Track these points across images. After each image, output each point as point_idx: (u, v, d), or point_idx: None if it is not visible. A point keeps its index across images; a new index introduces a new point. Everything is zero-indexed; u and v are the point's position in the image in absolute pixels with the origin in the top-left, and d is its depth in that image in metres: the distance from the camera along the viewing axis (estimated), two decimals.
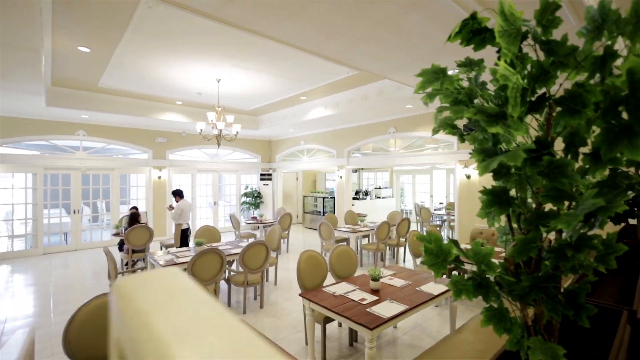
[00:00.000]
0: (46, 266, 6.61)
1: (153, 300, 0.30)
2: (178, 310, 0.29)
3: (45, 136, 7.68)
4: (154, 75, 5.71)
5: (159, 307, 0.29)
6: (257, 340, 0.25)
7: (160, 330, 0.25)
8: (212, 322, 0.28)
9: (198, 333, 0.26)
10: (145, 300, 0.30)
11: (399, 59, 3.78)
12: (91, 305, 2.20)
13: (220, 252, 3.90)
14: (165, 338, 0.24)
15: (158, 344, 0.24)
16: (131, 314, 0.29)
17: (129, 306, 0.30)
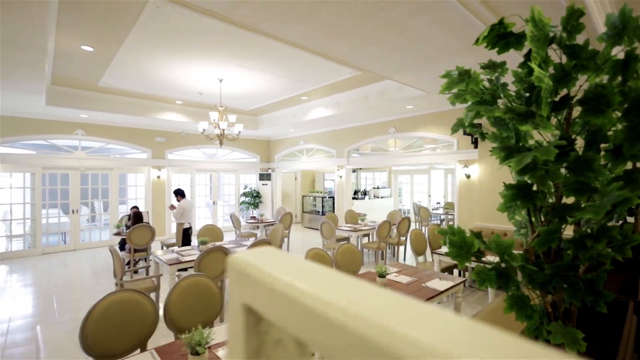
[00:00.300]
0: (45, 266, 6.57)
1: (282, 267, 0.35)
2: (306, 272, 0.34)
3: (43, 135, 7.63)
4: (156, 75, 5.72)
5: (290, 272, 0.34)
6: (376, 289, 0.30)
7: (305, 287, 0.30)
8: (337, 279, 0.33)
9: (336, 287, 0.30)
10: (276, 268, 0.35)
11: (402, 60, 3.85)
12: (105, 302, 2.23)
13: (226, 250, 3.93)
14: (315, 292, 0.29)
15: (309, 297, 0.29)
16: (267, 278, 0.34)
17: (261, 273, 0.34)
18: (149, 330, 2.33)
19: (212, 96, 7.00)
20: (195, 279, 2.69)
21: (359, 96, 6.47)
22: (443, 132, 6.57)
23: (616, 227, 0.93)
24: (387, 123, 7.64)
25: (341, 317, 0.24)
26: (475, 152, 6.01)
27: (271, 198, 11.23)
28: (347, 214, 7.94)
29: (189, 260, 4.11)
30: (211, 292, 2.69)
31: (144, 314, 2.32)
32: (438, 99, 5.82)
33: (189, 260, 4.11)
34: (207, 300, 2.64)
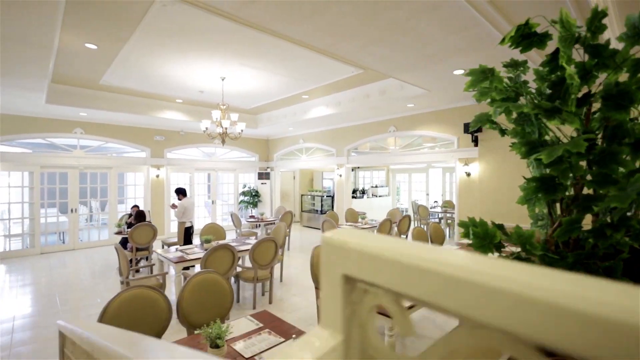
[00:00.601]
0: (45, 266, 6.53)
1: (373, 239, 0.39)
2: (392, 241, 0.38)
3: (42, 134, 7.57)
4: (158, 73, 5.71)
5: (382, 241, 0.38)
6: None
7: (404, 249, 0.35)
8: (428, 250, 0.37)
9: (419, 248, 0.35)
10: (370, 240, 0.39)
11: (406, 59, 3.90)
12: (120, 298, 2.25)
13: (232, 248, 3.95)
14: (413, 251, 0.33)
15: (410, 256, 0.33)
16: (369, 248, 0.38)
17: (361, 245, 0.39)
18: (163, 325, 2.35)
19: (213, 95, 7.00)
20: (206, 275, 2.71)
21: (360, 95, 6.51)
22: (443, 130, 6.64)
23: (635, 217, 0.99)
24: (388, 122, 7.70)
25: (433, 265, 0.32)
26: (475, 150, 6.09)
27: (270, 197, 11.24)
28: (347, 212, 7.99)
29: (194, 258, 4.13)
30: (222, 289, 2.72)
31: (158, 309, 2.35)
32: (438, 97, 5.90)
33: (194, 258, 4.13)
34: (218, 296, 2.67)
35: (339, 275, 0.41)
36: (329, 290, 0.42)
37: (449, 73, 4.49)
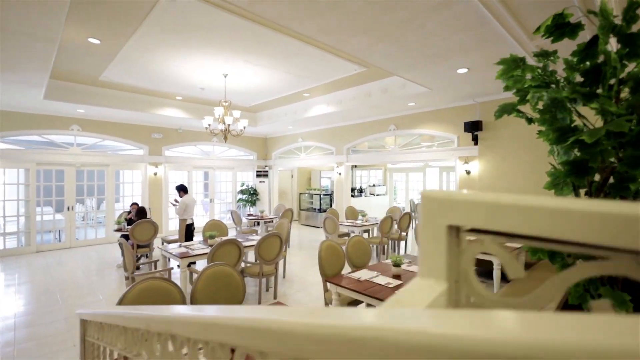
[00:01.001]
0: (42, 264, 6.44)
1: (474, 193, 0.42)
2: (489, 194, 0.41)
3: (38, 131, 7.46)
4: (160, 70, 5.68)
5: (482, 194, 0.41)
6: None
7: (507, 198, 0.38)
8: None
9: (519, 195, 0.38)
10: (471, 194, 0.42)
11: (412, 57, 3.96)
12: (135, 290, 2.24)
13: (238, 243, 3.96)
14: (516, 199, 0.37)
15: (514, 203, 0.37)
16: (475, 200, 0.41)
17: (473, 197, 0.42)
18: None
19: (214, 92, 6.98)
20: (219, 267, 2.72)
21: (362, 93, 6.56)
22: (443, 129, 6.73)
23: None
24: (388, 120, 7.77)
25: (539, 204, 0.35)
26: (475, 148, 6.18)
27: (268, 196, 11.23)
28: (347, 210, 8.03)
29: (200, 253, 4.12)
30: (234, 280, 2.73)
31: (173, 300, 2.35)
32: (440, 96, 5.97)
33: (199, 253, 4.12)
34: (230, 288, 2.68)
35: (443, 226, 0.44)
36: (430, 242, 0.45)
37: (452, 72, 4.56)
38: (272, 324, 0.35)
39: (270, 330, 0.35)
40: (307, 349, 0.30)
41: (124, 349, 1.20)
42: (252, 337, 0.39)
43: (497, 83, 5.17)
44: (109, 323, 1.32)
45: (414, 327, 0.23)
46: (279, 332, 0.34)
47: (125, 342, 1.18)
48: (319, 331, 0.29)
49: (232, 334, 0.43)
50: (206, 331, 0.52)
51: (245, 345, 0.42)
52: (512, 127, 5.77)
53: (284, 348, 0.33)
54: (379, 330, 0.25)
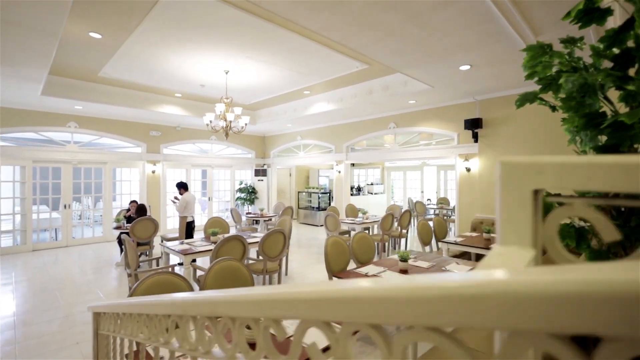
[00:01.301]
0: (39, 262, 6.34)
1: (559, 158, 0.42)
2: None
3: (34, 127, 7.35)
4: (160, 65, 5.62)
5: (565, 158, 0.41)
6: None
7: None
8: None
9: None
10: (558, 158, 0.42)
11: (418, 53, 3.97)
12: (145, 284, 2.22)
13: (242, 239, 3.94)
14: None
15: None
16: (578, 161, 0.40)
17: (565, 159, 0.41)
18: None
19: (214, 89, 6.93)
20: (227, 262, 2.70)
21: (363, 91, 6.56)
22: (443, 127, 6.76)
23: None
24: (388, 118, 7.78)
25: None
26: (475, 146, 6.22)
27: (267, 194, 11.20)
28: (347, 208, 8.04)
29: (203, 250, 4.09)
30: (242, 275, 2.71)
31: None
32: (441, 94, 5.99)
33: (202, 250, 4.09)
34: (239, 282, 2.66)
35: (529, 191, 0.43)
36: (513, 208, 0.45)
37: (454, 69, 4.58)
38: (396, 291, 0.33)
39: (392, 298, 0.34)
40: (447, 311, 0.30)
41: (148, 338, 1.18)
42: (359, 309, 0.38)
43: (498, 80, 5.21)
44: (131, 313, 1.30)
45: (572, 276, 0.23)
46: (401, 299, 0.33)
47: (150, 331, 1.16)
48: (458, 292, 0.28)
49: (331, 307, 0.42)
50: (285, 306, 0.51)
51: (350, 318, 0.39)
52: (511, 124, 5.82)
53: (411, 314, 0.32)
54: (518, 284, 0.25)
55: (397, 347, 0.40)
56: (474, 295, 0.28)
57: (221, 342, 0.79)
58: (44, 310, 4.04)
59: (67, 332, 3.47)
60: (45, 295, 4.56)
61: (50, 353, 3.07)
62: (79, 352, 3.08)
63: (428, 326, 0.35)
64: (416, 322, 0.34)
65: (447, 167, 11.79)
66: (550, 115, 5.42)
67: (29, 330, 3.52)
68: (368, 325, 0.42)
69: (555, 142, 5.34)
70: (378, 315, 0.36)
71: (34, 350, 3.12)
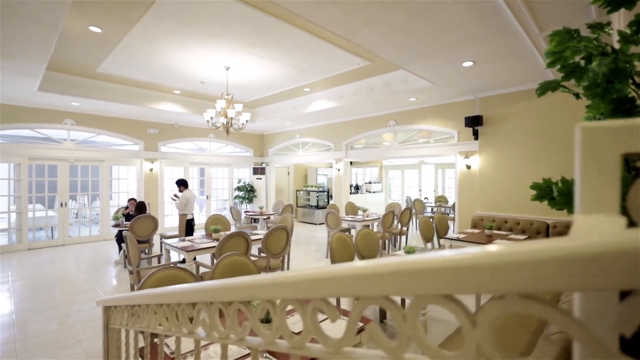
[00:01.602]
0: (35, 261, 6.24)
1: None
2: None
3: (30, 124, 7.22)
4: (160, 61, 5.56)
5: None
6: None
7: None
8: None
9: None
10: None
11: (423, 49, 3.96)
12: (153, 278, 2.18)
13: (245, 235, 3.90)
14: None
15: None
16: None
17: None
18: None
19: (214, 85, 6.88)
20: (234, 257, 2.67)
21: (364, 88, 6.55)
22: (444, 124, 6.77)
23: None
24: (388, 116, 7.78)
25: None
26: (475, 143, 6.24)
27: (265, 192, 11.15)
28: (347, 205, 8.03)
29: (205, 247, 4.05)
30: (250, 270, 2.68)
31: None
32: (442, 91, 6.00)
33: (205, 247, 4.04)
34: None
35: (617, 155, 0.42)
36: (597, 174, 0.43)
37: (457, 65, 4.58)
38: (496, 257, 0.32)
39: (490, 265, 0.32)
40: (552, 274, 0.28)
41: (168, 329, 1.15)
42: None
43: (499, 78, 5.22)
44: (148, 305, 1.26)
45: None
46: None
47: (171, 322, 1.12)
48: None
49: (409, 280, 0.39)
50: (351, 284, 0.48)
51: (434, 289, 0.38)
52: (510, 122, 5.85)
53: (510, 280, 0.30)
54: None
55: (484, 319, 0.38)
56: (600, 254, 0.26)
57: (259, 328, 0.76)
58: (43, 308, 3.97)
59: (68, 331, 3.41)
60: (43, 293, 4.48)
61: (52, 352, 3.01)
62: (82, 350, 3.02)
63: (524, 293, 0.33)
64: (515, 289, 0.32)
65: (445, 165, 11.83)
66: (550, 114, 5.46)
67: (29, 329, 3.45)
68: (443, 297, 0.40)
69: (555, 139, 5.37)
70: (467, 285, 0.34)
71: (35, 349, 3.06)
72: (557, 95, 5.64)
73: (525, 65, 4.59)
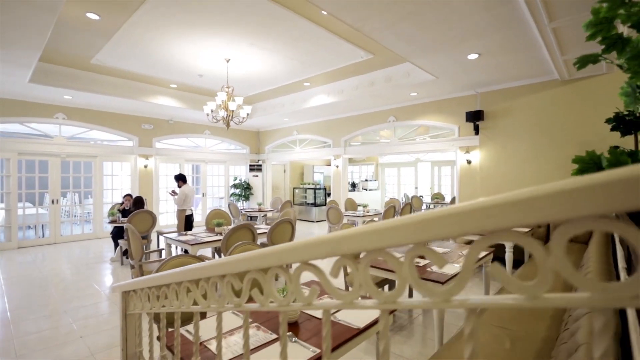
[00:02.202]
0: (26, 260, 6.01)
1: None
2: None
3: (19, 118, 6.97)
4: (158, 52, 5.42)
5: None
6: None
7: None
8: None
9: None
10: None
11: (430, 40, 3.95)
12: (167, 265, 2.09)
13: (251, 227, 3.82)
14: None
15: None
16: None
17: None
18: None
19: (212, 79, 6.76)
20: (245, 246, 2.60)
21: (365, 82, 6.53)
22: (444, 119, 6.80)
23: None
24: (387, 111, 7.78)
25: None
26: (476, 138, 6.28)
27: (262, 190, 11.03)
28: (347, 202, 8.00)
29: (211, 240, 3.95)
30: None
31: None
32: (444, 85, 6.01)
33: (210, 240, 3.95)
34: None
35: None
36: None
37: (463, 57, 4.59)
38: None
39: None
40: None
41: (207, 306, 1.08)
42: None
43: (502, 71, 5.25)
44: (180, 282, 1.19)
45: None
46: None
47: (210, 298, 1.06)
48: None
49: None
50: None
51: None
52: (511, 117, 5.89)
53: None
54: None
55: (560, 242, 0.39)
56: None
57: (333, 290, 0.70)
58: (41, 305, 3.82)
59: (69, 327, 3.27)
60: (39, 291, 4.31)
61: (53, 348, 2.88)
62: (85, 346, 2.90)
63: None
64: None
65: (442, 162, 11.91)
66: (551, 109, 5.52)
67: (26, 327, 3.30)
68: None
69: (556, 134, 5.44)
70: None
71: (34, 346, 2.92)
72: (558, 90, 5.69)
73: (529, 58, 4.63)
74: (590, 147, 5.35)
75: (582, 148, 5.25)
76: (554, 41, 3.78)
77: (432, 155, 11.96)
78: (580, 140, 5.25)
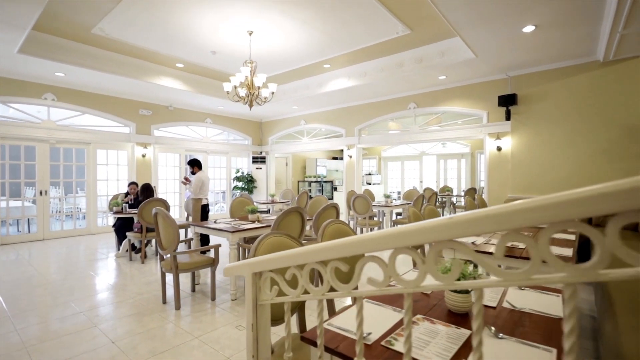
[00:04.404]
0: (18, 258, 5.26)
1: None
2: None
3: (2, 97, 6.14)
4: (170, 21, 4.80)
5: None
6: None
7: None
8: None
9: None
10: None
11: (488, 6, 3.60)
12: (265, 243, 1.61)
13: (302, 212, 3.35)
14: None
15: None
16: None
17: None
18: None
19: (226, 58, 6.19)
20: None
21: (393, 63, 6.14)
22: (471, 105, 6.52)
23: None
24: (407, 98, 7.43)
25: None
26: (507, 124, 6.03)
27: (266, 183, 10.47)
28: (364, 193, 7.60)
29: (252, 227, 3.44)
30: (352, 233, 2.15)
31: None
32: (479, 67, 5.71)
33: (252, 227, 3.43)
34: None
35: None
36: None
37: (517, 30, 4.29)
38: None
39: None
40: None
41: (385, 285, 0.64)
42: None
43: (546, 50, 4.98)
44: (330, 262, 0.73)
45: None
46: None
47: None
48: None
49: None
50: None
51: None
52: (546, 101, 5.67)
53: None
54: None
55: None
56: None
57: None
58: (42, 304, 3.19)
59: (83, 324, 2.69)
60: (37, 290, 3.65)
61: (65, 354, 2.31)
62: (98, 353, 2.35)
63: None
64: None
65: (448, 156, 11.73)
66: (587, 91, 5.33)
67: (27, 326, 2.69)
68: None
69: (592, 118, 5.25)
70: None
71: (33, 344, 2.34)
72: (596, 73, 5.46)
73: (583, 34, 4.38)
74: (632, 131, 5.20)
75: (623, 133, 5.08)
76: (628, 8, 3.51)
77: (438, 149, 11.77)
78: (622, 124, 5.07)
